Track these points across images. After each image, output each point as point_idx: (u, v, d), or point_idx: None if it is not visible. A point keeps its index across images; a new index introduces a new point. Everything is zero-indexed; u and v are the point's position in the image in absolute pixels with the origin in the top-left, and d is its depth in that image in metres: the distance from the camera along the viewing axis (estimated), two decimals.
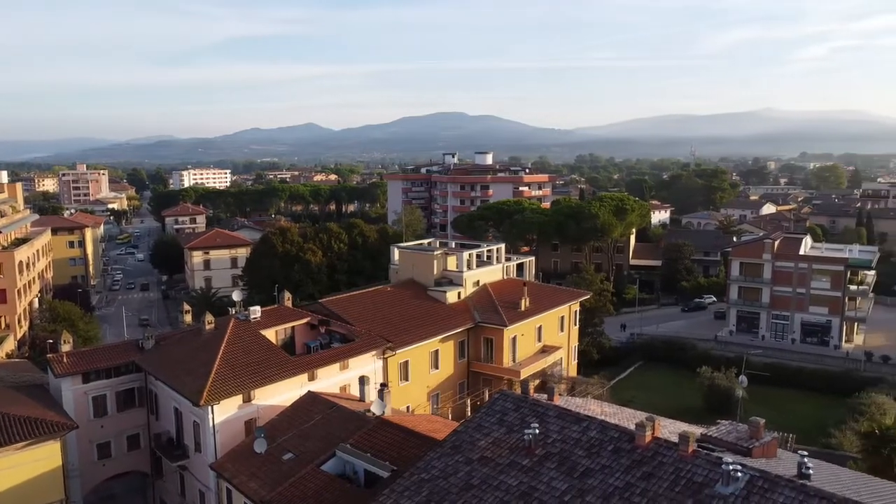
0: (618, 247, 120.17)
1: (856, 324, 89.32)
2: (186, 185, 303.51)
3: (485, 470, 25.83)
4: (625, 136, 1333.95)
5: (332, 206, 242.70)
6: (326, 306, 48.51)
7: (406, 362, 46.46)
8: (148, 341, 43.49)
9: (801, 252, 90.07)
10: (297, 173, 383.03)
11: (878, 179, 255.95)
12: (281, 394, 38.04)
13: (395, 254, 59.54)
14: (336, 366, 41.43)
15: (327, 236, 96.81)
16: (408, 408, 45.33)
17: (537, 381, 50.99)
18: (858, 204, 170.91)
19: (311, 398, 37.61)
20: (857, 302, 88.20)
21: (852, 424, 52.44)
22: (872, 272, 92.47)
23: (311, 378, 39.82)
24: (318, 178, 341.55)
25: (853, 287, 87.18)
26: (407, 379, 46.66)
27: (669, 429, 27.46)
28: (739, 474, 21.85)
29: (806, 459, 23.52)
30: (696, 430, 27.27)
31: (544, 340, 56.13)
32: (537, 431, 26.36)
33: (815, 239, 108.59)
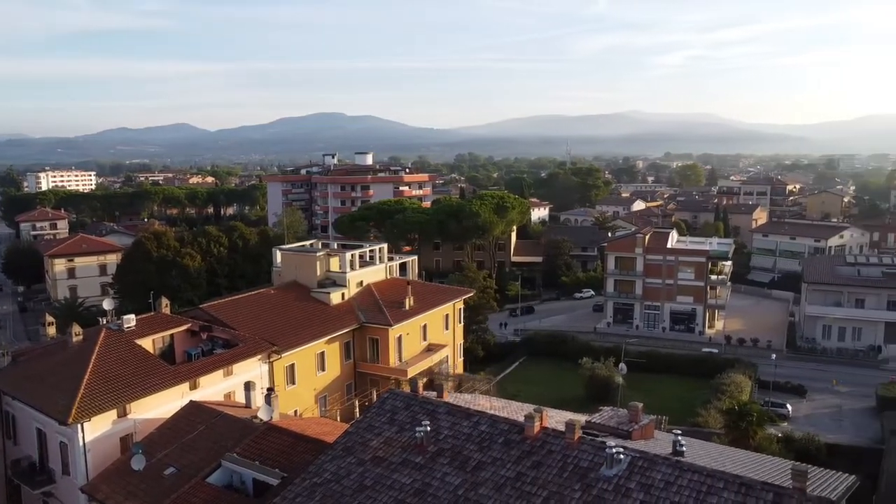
0: (499, 244, 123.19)
1: (716, 311, 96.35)
2: (45, 187, 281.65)
3: (378, 470, 25.71)
4: (503, 135, 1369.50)
5: (210, 210, 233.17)
6: (207, 311, 46.48)
7: (292, 365, 45.40)
8: (2, 358, 39.84)
9: (669, 246, 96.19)
10: (170, 175, 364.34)
11: (731, 178, 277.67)
12: (160, 406, 36.03)
13: (278, 256, 58.06)
14: (219, 373, 39.77)
15: (206, 240, 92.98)
16: (296, 412, 44.31)
17: (425, 380, 51.28)
18: (716, 200, 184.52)
19: (194, 408, 35.90)
20: (718, 291, 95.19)
21: (715, 403, 56.74)
22: (729, 263, 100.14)
23: (194, 387, 38.01)
24: (194, 180, 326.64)
25: (714, 277, 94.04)
26: (294, 382, 45.61)
27: (556, 419, 28.47)
28: (622, 456, 23.04)
29: (679, 438, 25.20)
30: (581, 418, 28.48)
31: (430, 339, 56.56)
32: (428, 429, 26.55)
33: (680, 233, 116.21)
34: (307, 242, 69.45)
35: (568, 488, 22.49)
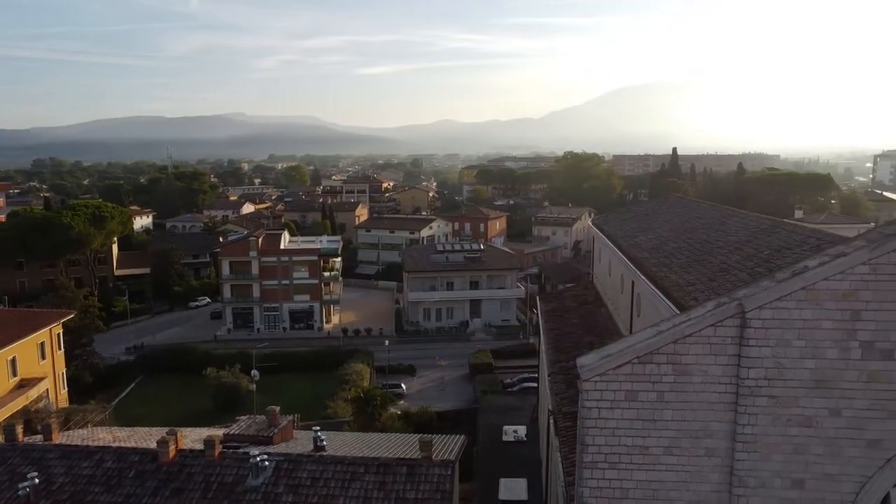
0: (99, 258, 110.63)
1: (332, 306, 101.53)
2: None
3: None
4: (93, 137, 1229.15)
5: None
6: None
7: None
8: None
9: (282, 246, 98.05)
10: None
11: (333, 177, 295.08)
12: None
13: None
14: None
15: None
16: None
17: (22, 422, 43.59)
18: (321, 199, 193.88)
19: None
20: (331, 286, 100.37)
21: (341, 393, 59.99)
22: (339, 259, 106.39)
23: None
24: None
25: (326, 274, 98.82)
26: None
27: (192, 437, 26.86)
28: (266, 463, 22.88)
29: (319, 433, 26.05)
30: (219, 432, 27.37)
31: (21, 373, 48.33)
32: (37, 481, 22.66)
33: (291, 233, 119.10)
34: None
35: None
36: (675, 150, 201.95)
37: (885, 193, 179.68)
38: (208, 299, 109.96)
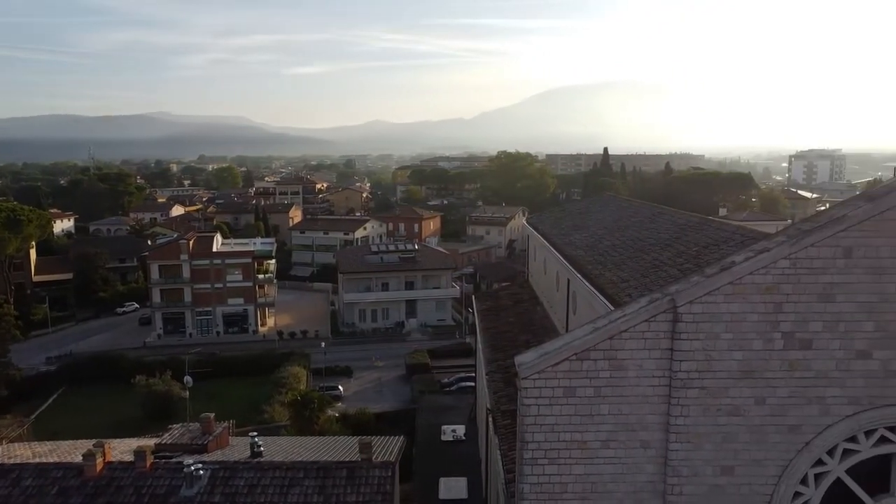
0: (15, 263, 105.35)
1: (266, 308, 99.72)
2: None
3: None
4: (4, 136, 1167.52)
5: None
6: None
7: None
8: None
9: (214, 249, 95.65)
10: None
11: (266, 179, 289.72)
12: None
13: None
14: None
15: None
16: None
17: None
18: (254, 201, 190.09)
19: None
20: (266, 289, 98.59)
21: (278, 397, 58.96)
22: (273, 261, 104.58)
23: None
24: None
25: (261, 276, 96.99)
26: None
27: (121, 449, 25.90)
28: (201, 472, 22.27)
29: (256, 439, 25.53)
30: (150, 442, 26.49)
31: None
32: None
33: (224, 235, 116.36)
34: None
35: None
36: (606, 149, 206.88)
37: (799, 192, 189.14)
38: (136, 304, 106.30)
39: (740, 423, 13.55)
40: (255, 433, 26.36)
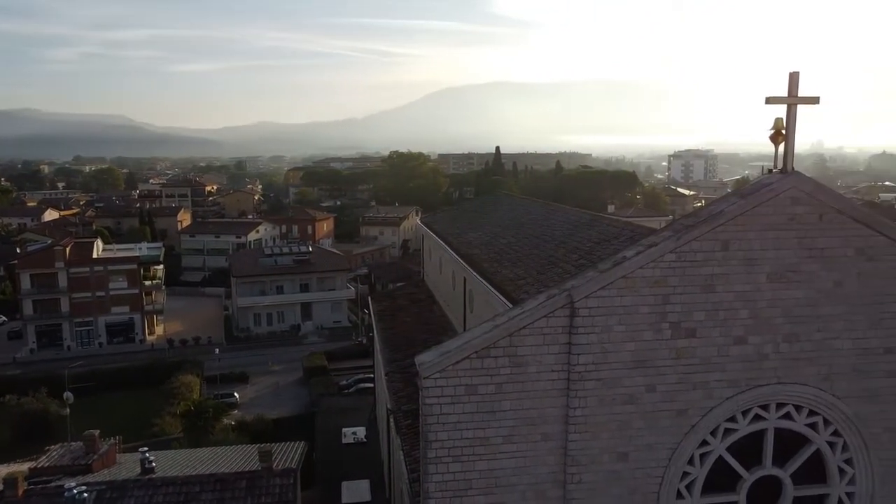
0: None
1: (155, 316, 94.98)
2: None
3: None
4: None
5: None
6: None
7: None
8: None
9: (95, 255, 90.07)
10: None
11: (150, 181, 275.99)
12: None
13: None
14: None
15: None
16: None
17: None
18: (138, 204, 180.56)
19: None
20: (154, 295, 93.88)
21: (169, 409, 56.25)
22: (161, 266, 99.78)
23: None
24: None
25: (148, 282, 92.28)
26: None
27: None
28: (85, 495, 20.88)
29: (147, 455, 24.24)
30: (24, 467, 24.59)
31: None
32: None
33: (106, 241, 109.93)
34: None
35: None
36: (497, 148, 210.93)
37: (678, 189, 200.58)
38: (4, 317, 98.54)
39: (634, 410, 14.19)
40: (146, 448, 25.01)
